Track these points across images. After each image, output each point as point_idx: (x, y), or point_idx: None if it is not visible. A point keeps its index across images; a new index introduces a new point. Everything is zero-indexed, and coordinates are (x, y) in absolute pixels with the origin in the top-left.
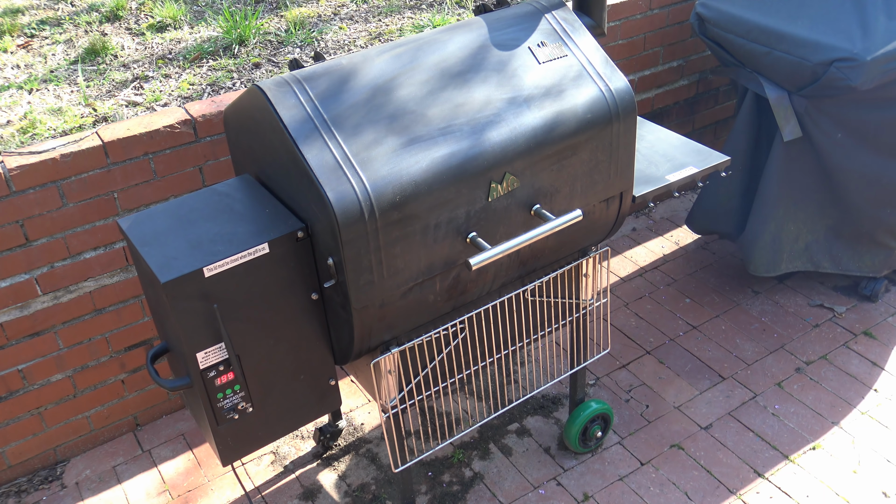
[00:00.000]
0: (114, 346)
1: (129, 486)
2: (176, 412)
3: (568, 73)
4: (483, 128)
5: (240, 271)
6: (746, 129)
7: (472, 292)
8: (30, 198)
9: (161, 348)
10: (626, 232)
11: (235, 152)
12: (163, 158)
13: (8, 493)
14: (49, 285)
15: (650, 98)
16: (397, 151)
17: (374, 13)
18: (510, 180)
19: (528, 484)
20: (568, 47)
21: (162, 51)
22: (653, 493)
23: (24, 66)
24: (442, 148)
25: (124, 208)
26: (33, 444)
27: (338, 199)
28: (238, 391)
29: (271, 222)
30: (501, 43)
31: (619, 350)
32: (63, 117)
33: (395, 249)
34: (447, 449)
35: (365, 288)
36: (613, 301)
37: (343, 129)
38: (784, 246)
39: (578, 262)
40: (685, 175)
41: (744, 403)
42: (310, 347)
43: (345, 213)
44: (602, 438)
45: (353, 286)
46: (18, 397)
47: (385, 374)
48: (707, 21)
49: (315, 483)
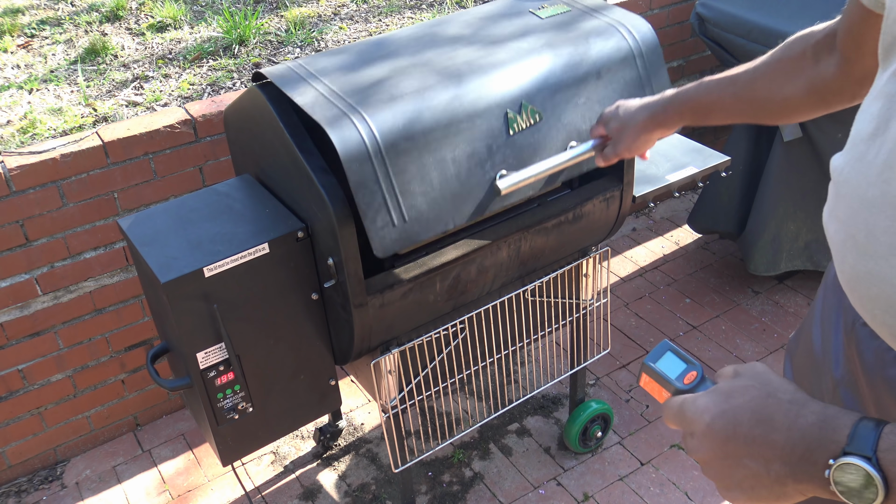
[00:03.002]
0: (114, 346)
1: (129, 485)
2: (176, 412)
3: (570, 21)
4: (485, 69)
5: (240, 271)
6: (747, 129)
7: (472, 292)
8: (30, 198)
9: (161, 348)
10: (626, 232)
11: (235, 152)
12: (163, 158)
13: (8, 493)
14: (49, 285)
15: None
16: (395, 100)
17: (374, 13)
18: (529, 110)
19: (529, 484)
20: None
21: (162, 51)
22: (653, 493)
23: (24, 66)
24: (444, 91)
25: (124, 208)
26: (33, 444)
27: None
28: (238, 391)
29: (271, 222)
30: (495, 15)
31: (619, 350)
32: (63, 117)
33: (411, 187)
34: (447, 449)
35: (383, 231)
36: (613, 301)
37: None
38: (784, 245)
39: (578, 262)
40: (685, 175)
41: None
42: (310, 347)
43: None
44: (602, 438)
45: (372, 230)
46: (18, 397)
47: (385, 374)
48: (707, 21)
49: (315, 483)
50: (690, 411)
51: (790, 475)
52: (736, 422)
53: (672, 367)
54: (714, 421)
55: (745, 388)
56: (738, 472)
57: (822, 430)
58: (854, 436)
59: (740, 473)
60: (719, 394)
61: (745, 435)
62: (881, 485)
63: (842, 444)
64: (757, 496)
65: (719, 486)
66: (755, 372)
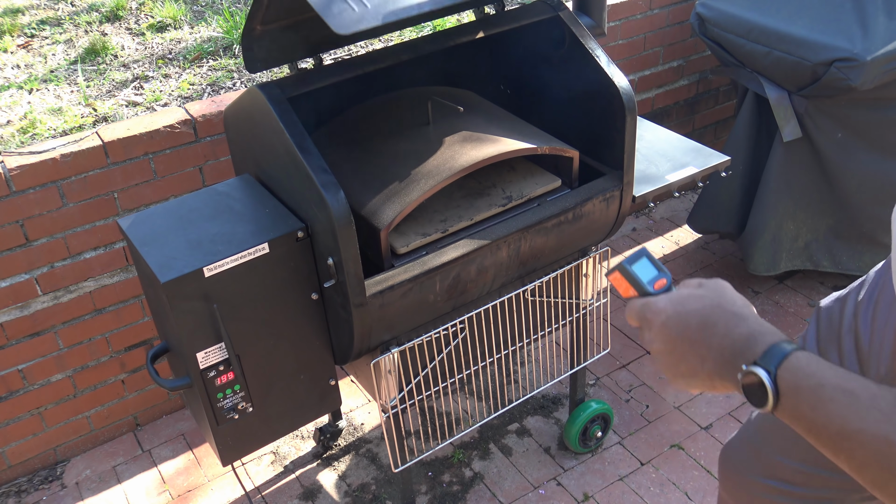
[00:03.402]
0: (114, 346)
1: (129, 485)
2: (176, 412)
3: None
4: None
5: (240, 271)
6: (746, 129)
7: (472, 292)
8: (30, 198)
9: (161, 348)
10: (626, 232)
11: (235, 152)
12: (163, 158)
13: (8, 493)
14: (49, 285)
15: (650, 98)
16: None
17: None
18: None
19: (529, 484)
20: None
21: (162, 51)
22: (653, 493)
23: (24, 66)
24: None
25: (124, 208)
26: (33, 444)
27: None
28: (238, 391)
29: (271, 222)
30: None
31: (619, 350)
32: (63, 117)
33: None
34: (447, 449)
35: None
36: (613, 301)
37: None
38: (784, 245)
39: (578, 262)
40: (685, 175)
41: (744, 403)
42: (310, 347)
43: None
44: (602, 438)
45: None
46: (18, 397)
47: (385, 374)
48: (707, 21)
49: (315, 483)
50: (650, 311)
51: (717, 373)
52: (685, 324)
53: (646, 272)
54: (668, 321)
55: (700, 297)
56: (682, 365)
57: (747, 342)
58: (767, 353)
59: (683, 366)
60: (677, 299)
61: (690, 337)
62: (772, 395)
63: (756, 356)
64: (693, 385)
65: (667, 373)
66: (716, 285)
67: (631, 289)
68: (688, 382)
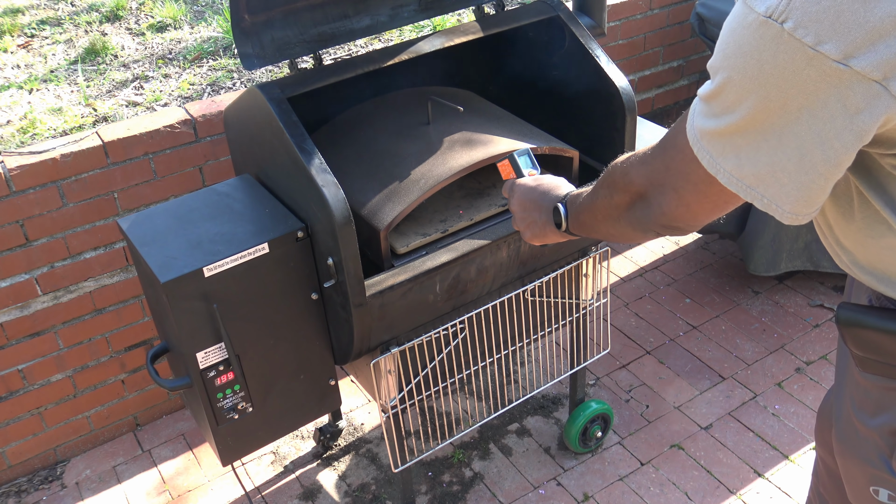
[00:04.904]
0: (114, 346)
1: (129, 485)
2: (176, 412)
3: None
4: None
5: (240, 271)
6: None
7: (472, 292)
8: (30, 198)
9: (161, 348)
10: None
11: (235, 152)
12: (163, 158)
13: (8, 493)
14: (49, 285)
15: (650, 98)
16: None
17: None
18: None
19: (529, 484)
20: None
21: (162, 51)
22: (653, 493)
23: (24, 66)
24: None
25: (124, 208)
26: (33, 444)
27: None
28: (238, 391)
29: (271, 222)
30: None
31: (619, 350)
32: (63, 117)
33: None
34: (447, 449)
35: None
36: (613, 301)
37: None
38: (783, 245)
39: (578, 262)
40: None
41: (744, 403)
42: (310, 347)
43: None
44: (602, 438)
45: None
46: (18, 397)
47: (385, 374)
48: (707, 21)
49: (315, 483)
50: (517, 186)
51: (546, 223)
52: (531, 195)
53: (526, 165)
54: (523, 194)
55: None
56: (528, 219)
57: (556, 195)
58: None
59: (529, 219)
60: (533, 181)
61: (532, 201)
62: (564, 217)
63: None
64: (536, 235)
65: (521, 230)
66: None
67: (512, 173)
68: (533, 232)
